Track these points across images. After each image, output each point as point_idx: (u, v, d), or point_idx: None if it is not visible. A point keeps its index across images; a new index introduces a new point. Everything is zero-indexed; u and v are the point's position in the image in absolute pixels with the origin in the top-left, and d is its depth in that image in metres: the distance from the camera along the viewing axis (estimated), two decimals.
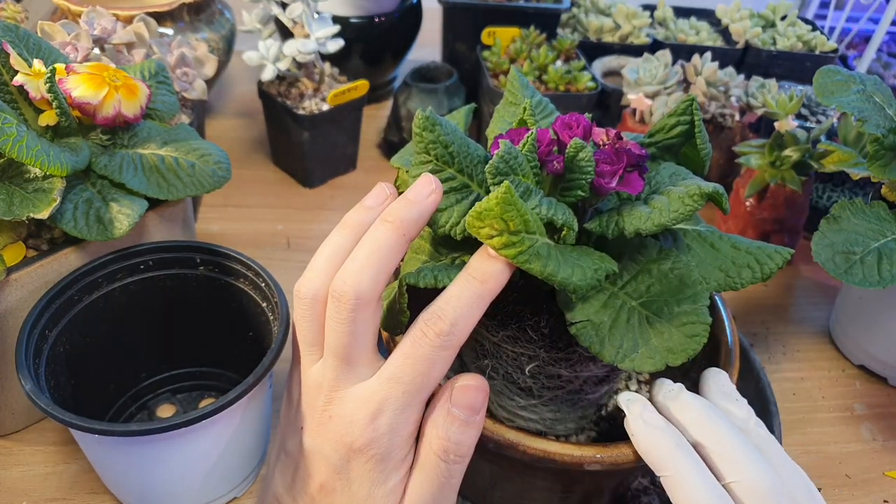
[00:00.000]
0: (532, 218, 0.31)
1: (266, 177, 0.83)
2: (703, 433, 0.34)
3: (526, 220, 0.30)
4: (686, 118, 0.37)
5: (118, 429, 0.37)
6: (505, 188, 0.30)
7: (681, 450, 0.33)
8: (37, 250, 0.47)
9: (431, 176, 0.33)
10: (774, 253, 0.37)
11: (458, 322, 0.31)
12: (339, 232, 0.34)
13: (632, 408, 0.36)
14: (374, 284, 0.31)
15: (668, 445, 0.34)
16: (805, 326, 0.69)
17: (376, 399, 0.31)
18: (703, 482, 0.32)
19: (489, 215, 0.30)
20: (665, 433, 0.34)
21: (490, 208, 0.30)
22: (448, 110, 0.83)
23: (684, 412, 0.35)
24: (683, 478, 0.32)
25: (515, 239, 0.30)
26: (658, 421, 0.35)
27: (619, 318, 0.33)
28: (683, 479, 0.32)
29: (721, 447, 0.33)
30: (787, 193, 0.68)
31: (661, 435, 0.34)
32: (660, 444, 0.34)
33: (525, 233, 0.30)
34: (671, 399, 0.36)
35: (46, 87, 0.45)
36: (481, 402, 0.33)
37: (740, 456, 0.33)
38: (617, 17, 0.96)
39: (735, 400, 0.36)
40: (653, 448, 0.34)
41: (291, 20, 0.72)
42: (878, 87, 0.54)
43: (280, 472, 0.36)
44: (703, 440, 0.34)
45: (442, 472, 0.32)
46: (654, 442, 0.34)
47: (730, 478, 0.33)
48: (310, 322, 0.33)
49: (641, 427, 0.35)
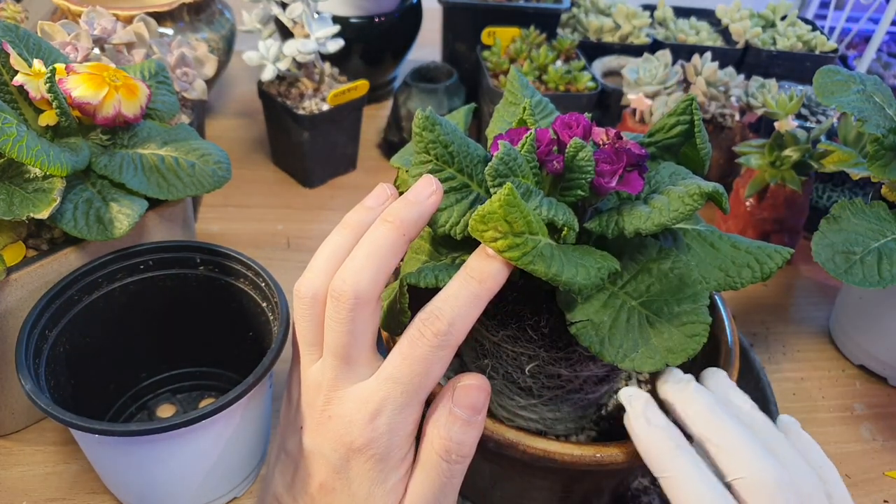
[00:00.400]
0: (535, 219, 0.31)
1: (266, 177, 0.83)
2: (707, 428, 0.34)
3: (529, 222, 0.30)
4: (686, 118, 0.37)
5: (118, 429, 0.37)
6: (507, 190, 0.30)
7: (681, 450, 0.33)
8: (37, 250, 0.47)
9: (432, 177, 0.33)
10: (774, 252, 0.37)
11: (455, 322, 0.31)
12: (339, 232, 0.34)
13: (633, 404, 0.35)
14: (373, 284, 0.31)
15: (669, 446, 0.33)
16: (805, 326, 0.69)
17: (375, 399, 0.31)
18: (704, 483, 0.32)
19: (492, 218, 0.30)
20: (666, 433, 0.34)
21: (493, 211, 0.30)
22: (448, 110, 0.83)
23: (689, 405, 0.35)
24: (683, 479, 0.32)
25: (519, 241, 0.30)
26: (660, 420, 0.34)
27: (619, 318, 0.33)
28: (683, 481, 0.32)
29: (725, 442, 0.33)
30: (787, 193, 0.69)
31: (661, 434, 0.34)
32: (660, 444, 0.33)
33: (528, 234, 0.30)
34: (678, 391, 0.35)
35: (46, 87, 0.45)
36: (483, 402, 0.33)
37: (745, 452, 0.32)
38: (617, 17, 0.96)
39: (738, 395, 0.36)
40: (653, 448, 0.34)
41: (291, 20, 0.72)
42: (878, 87, 0.54)
43: (280, 472, 0.36)
44: (707, 435, 0.33)
45: (444, 472, 0.32)
46: (655, 442, 0.34)
47: (733, 475, 0.32)
48: (309, 322, 0.33)
49: (642, 426, 0.34)
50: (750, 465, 0.32)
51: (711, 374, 0.38)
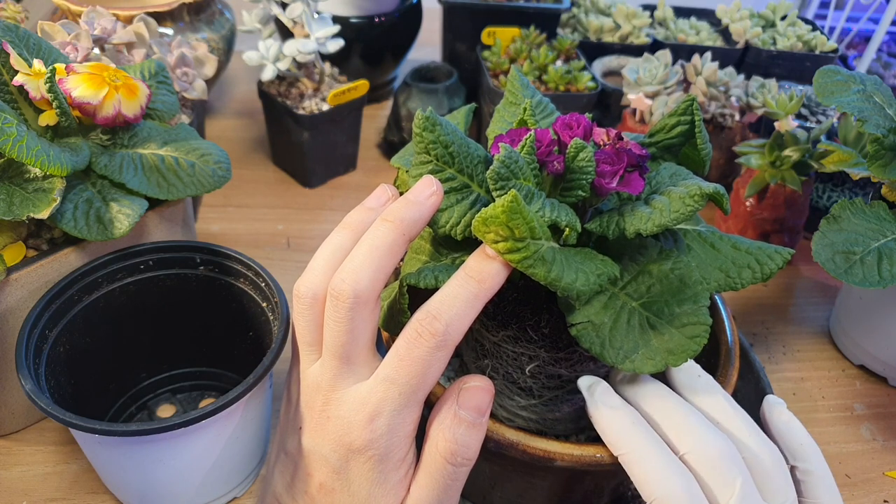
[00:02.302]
0: (538, 223, 0.31)
1: (266, 177, 0.83)
2: (654, 409, 0.34)
3: (532, 228, 0.30)
4: (687, 118, 0.37)
5: (118, 429, 0.37)
6: (511, 197, 0.30)
7: (636, 427, 0.33)
8: (37, 250, 0.47)
9: (432, 177, 0.33)
10: (775, 253, 0.37)
11: (453, 322, 0.31)
12: (339, 232, 0.34)
13: (593, 391, 0.35)
14: (372, 283, 0.31)
15: (624, 423, 0.34)
16: (805, 326, 0.69)
17: (373, 400, 0.31)
18: (660, 457, 0.32)
19: (494, 222, 0.30)
20: (621, 411, 0.34)
21: (496, 215, 0.30)
22: (448, 110, 0.83)
23: (638, 391, 0.35)
24: (639, 455, 0.33)
25: (520, 245, 0.30)
26: (615, 401, 0.35)
27: (619, 320, 0.33)
28: (640, 456, 0.33)
29: (671, 420, 0.34)
30: (787, 193, 0.69)
31: (617, 414, 0.34)
32: (616, 423, 0.34)
33: (530, 238, 0.30)
34: (627, 381, 0.36)
35: (46, 87, 0.45)
36: (488, 404, 0.33)
37: (690, 427, 0.33)
38: (617, 17, 0.96)
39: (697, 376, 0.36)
40: (609, 428, 0.34)
41: (291, 20, 0.72)
42: (878, 87, 0.54)
43: (279, 472, 0.36)
44: (655, 416, 0.34)
45: (448, 474, 0.32)
46: (611, 422, 0.34)
47: (682, 449, 0.33)
48: (309, 322, 0.33)
49: (600, 409, 0.35)
50: (695, 439, 0.33)
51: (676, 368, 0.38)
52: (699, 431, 0.33)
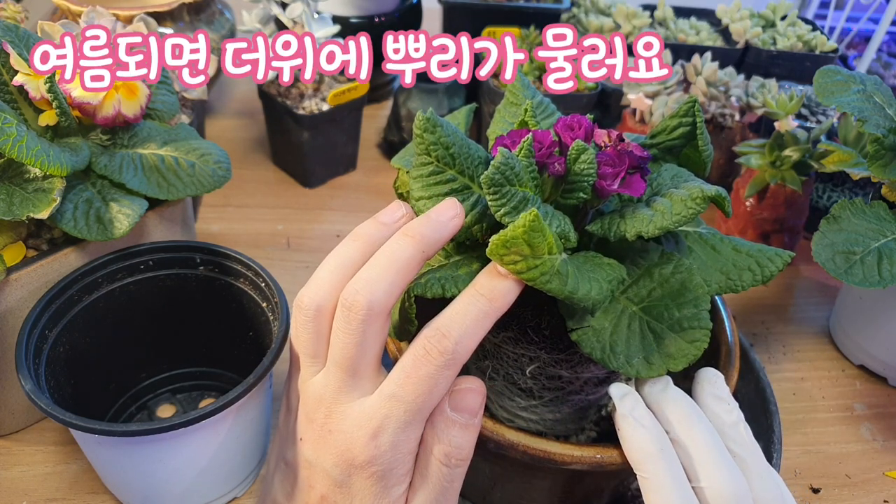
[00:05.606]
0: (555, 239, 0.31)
1: (266, 177, 0.83)
2: (682, 432, 0.34)
3: (550, 245, 0.30)
4: (688, 119, 0.37)
5: (118, 429, 0.37)
6: (533, 216, 0.29)
7: (662, 454, 0.33)
8: (37, 250, 0.47)
9: (455, 200, 0.33)
10: (775, 256, 0.37)
11: (462, 340, 0.30)
12: (348, 244, 0.33)
13: (624, 402, 0.35)
14: (387, 296, 0.31)
15: (652, 449, 0.34)
16: (805, 326, 0.69)
17: (377, 417, 0.31)
18: (679, 493, 0.33)
19: (515, 244, 0.29)
20: (651, 434, 0.34)
21: (516, 237, 0.29)
22: (448, 110, 0.83)
23: (669, 407, 0.35)
24: (659, 484, 0.33)
25: (538, 262, 0.30)
26: (647, 420, 0.35)
27: (620, 324, 0.33)
28: (659, 485, 0.33)
29: (696, 450, 0.34)
30: (787, 193, 0.69)
31: (646, 436, 0.34)
32: (644, 445, 0.34)
33: (547, 255, 0.30)
34: (657, 392, 0.36)
35: (46, 87, 0.45)
36: (480, 405, 0.33)
37: (712, 461, 0.33)
38: (617, 17, 0.96)
39: (726, 403, 0.36)
40: (636, 448, 0.34)
41: (291, 20, 0.72)
42: (878, 87, 0.54)
43: (279, 481, 0.35)
44: (682, 439, 0.34)
45: (444, 476, 0.32)
46: (639, 442, 0.34)
47: (700, 482, 0.33)
48: (311, 334, 0.33)
49: (630, 424, 0.34)
50: (714, 476, 0.33)
51: (707, 377, 0.38)
52: (720, 468, 0.33)
